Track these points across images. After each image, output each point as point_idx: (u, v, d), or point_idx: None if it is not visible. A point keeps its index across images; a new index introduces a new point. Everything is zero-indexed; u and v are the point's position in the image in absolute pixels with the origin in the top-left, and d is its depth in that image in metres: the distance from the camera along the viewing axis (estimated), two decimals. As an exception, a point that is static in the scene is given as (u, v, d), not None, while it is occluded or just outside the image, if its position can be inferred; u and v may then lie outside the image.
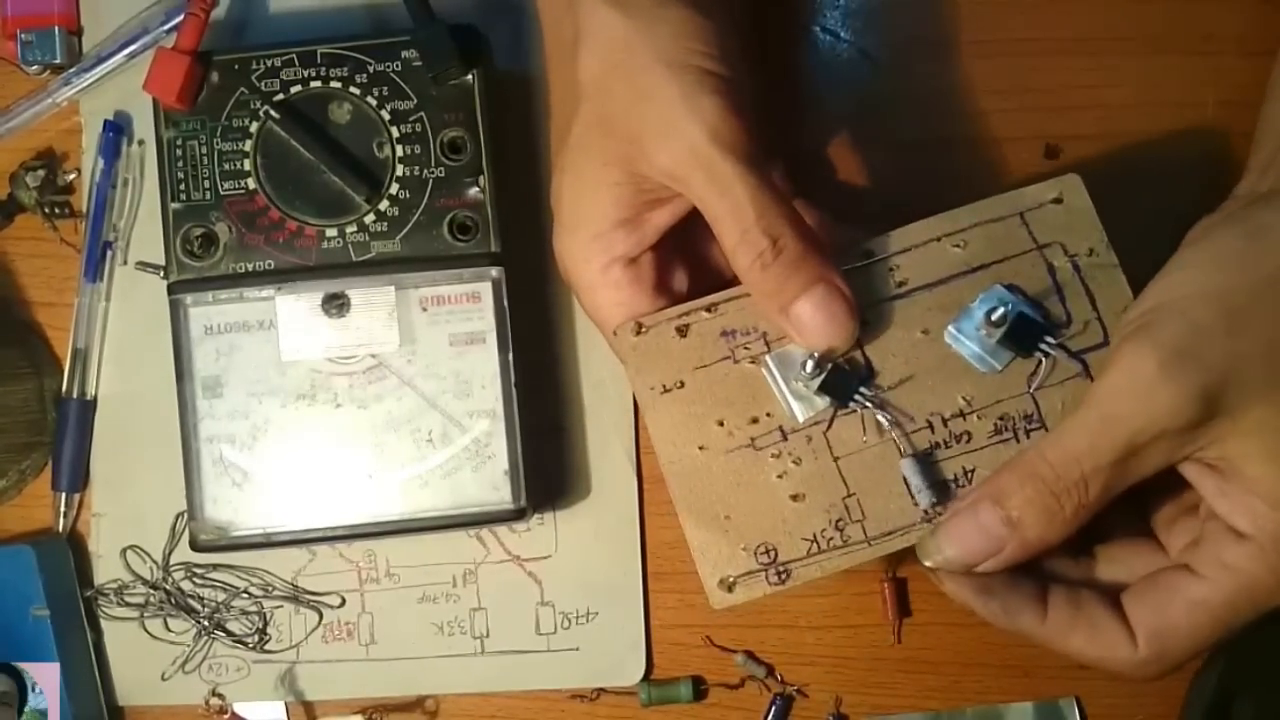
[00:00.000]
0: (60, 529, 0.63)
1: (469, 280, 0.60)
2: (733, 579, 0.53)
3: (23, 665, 0.61)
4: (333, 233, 0.60)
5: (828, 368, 0.52)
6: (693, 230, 0.55)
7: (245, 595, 0.63)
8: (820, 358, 0.52)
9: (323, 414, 0.59)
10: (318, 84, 0.60)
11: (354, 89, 0.60)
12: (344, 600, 0.63)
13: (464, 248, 0.60)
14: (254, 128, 0.60)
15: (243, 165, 0.60)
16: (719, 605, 0.53)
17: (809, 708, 0.63)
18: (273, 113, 0.59)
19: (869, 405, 0.53)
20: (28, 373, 0.64)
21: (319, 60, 0.60)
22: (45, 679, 0.61)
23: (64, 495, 0.63)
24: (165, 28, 0.64)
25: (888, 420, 0.53)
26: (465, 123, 0.60)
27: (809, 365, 0.52)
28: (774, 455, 0.53)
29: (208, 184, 0.60)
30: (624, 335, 0.54)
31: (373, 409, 0.59)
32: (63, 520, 0.63)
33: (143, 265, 0.63)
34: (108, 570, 0.63)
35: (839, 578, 0.54)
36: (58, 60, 0.64)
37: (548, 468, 0.63)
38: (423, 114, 0.60)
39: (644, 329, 0.54)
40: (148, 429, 0.63)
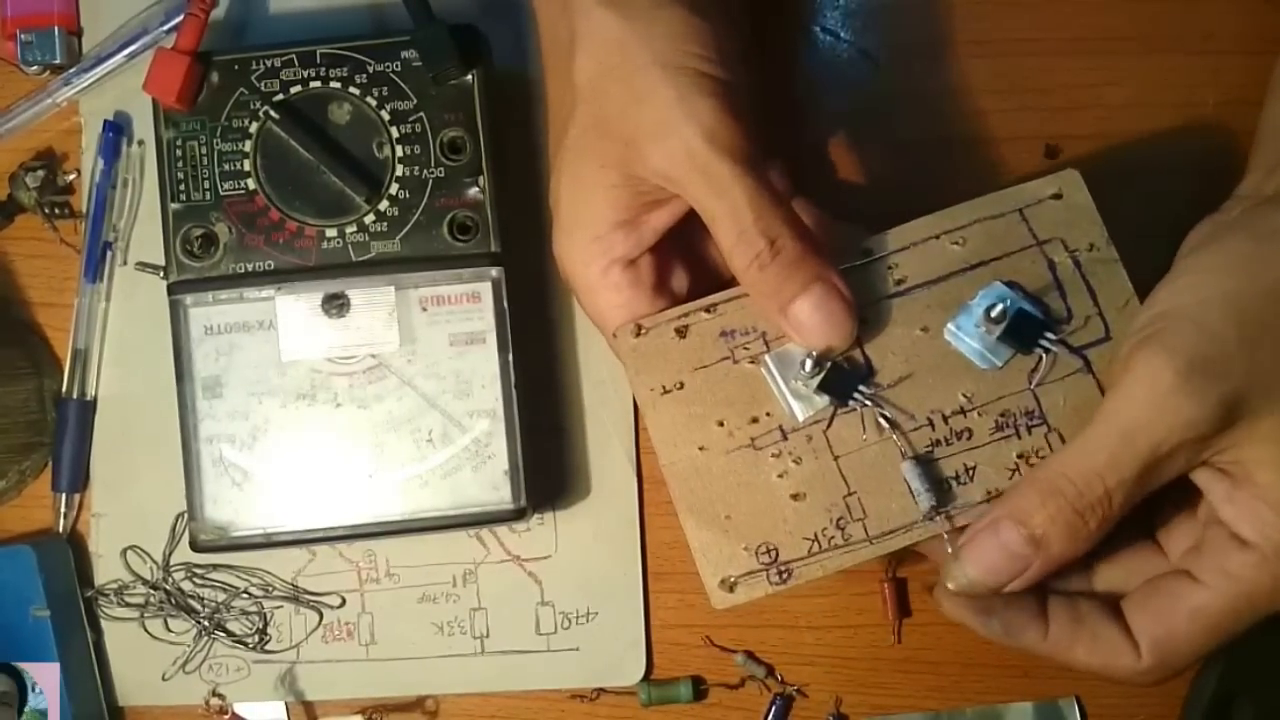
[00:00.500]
0: (60, 529, 0.63)
1: (469, 280, 0.60)
2: (734, 579, 0.53)
3: (23, 665, 0.61)
4: (333, 233, 0.60)
5: (827, 367, 0.52)
6: (691, 231, 0.55)
7: (245, 595, 0.63)
8: (819, 357, 0.52)
9: (323, 414, 0.59)
10: (317, 84, 0.60)
11: (354, 89, 0.60)
12: (344, 600, 0.63)
13: (464, 248, 0.60)
14: (254, 128, 0.60)
15: (242, 165, 0.60)
16: (720, 605, 0.53)
17: (809, 708, 0.63)
18: (272, 113, 0.59)
19: (869, 403, 0.53)
20: (28, 373, 0.64)
21: (319, 60, 0.60)
22: (45, 679, 0.61)
23: (64, 495, 0.63)
24: (165, 28, 0.64)
25: (887, 418, 0.53)
26: (465, 123, 0.60)
27: (808, 364, 0.52)
28: (774, 455, 0.53)
29: (207, 184, 0.60)
30: (624, 337, 0.54)
31: (373, 409, 0.59)
32: (63, 520, 0.63)
33: (143, 265, 0.63)
34: (108, 570, 0.63)
35: (839, 578, 0.54)
36: (58, 60, 0.64)
37: (548, 468, 0.63)
38: (422, 114, 0.60)
39: (643, 330, 0.54)
40: (148, 429, 0.63)
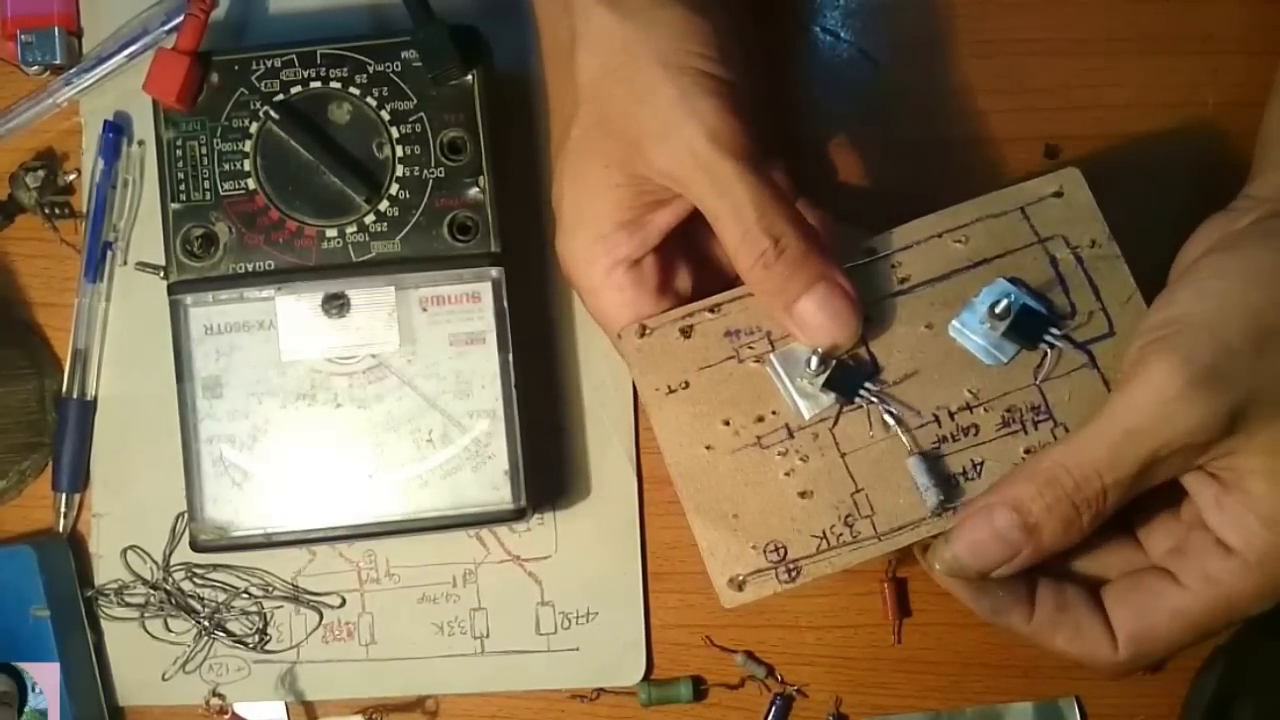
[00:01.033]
0: (60, 529, 0.63)
1: (469, 280, 0.60)
2: (742, 577, 0.53)
3: (23, 665, 0.61)
4: (333, 233, 0.59)
5: (832, 365, 0.52)
6: (695, 231, 0.55)
7: (245, 595, 0.63)
8: (824, 355, 0.52)
9: (323, 414, 0.59)
10: (317, 84, 0.60)
11: (354, 89, 0.60)
12: (344, 600, 0.63)
13: (464, 248, 0.60)
14: (254, 128, 0.60)
15: (243, 165, 0.60)
16: (729, 604, 0.52)
17: (809, 708, 0.63)
18: (272, 113, 0.59)
19: (875, 401, 0.53)
20: (28, 373, 0.64)
21: (319, 61, 0.60)
22: (45, 679, 0.61)
23: (64, 495, 0.63)
24: (165, 28, 0.64)
25: (894, 415, 0.53)
26: (465, 123, 0.60)
27: (813, 363, 0.52)
28: (781, 453, 0.53)
29: (207, 184, 0.60)
30: (628, 337, 0.54)
31: (373, 409, 0.59)
32: (63, 520, 0.63)
33: (143, 265, 0.63)
34: (108, 570, 0.63)
35: (839, 577, 0.54)
36: (58, 61, 0.64)
37: (548, 468, 0.63)
38: (423, 114, 0.60)
39: (648, 331, 0.54)
40: (148, 429, 0.63)
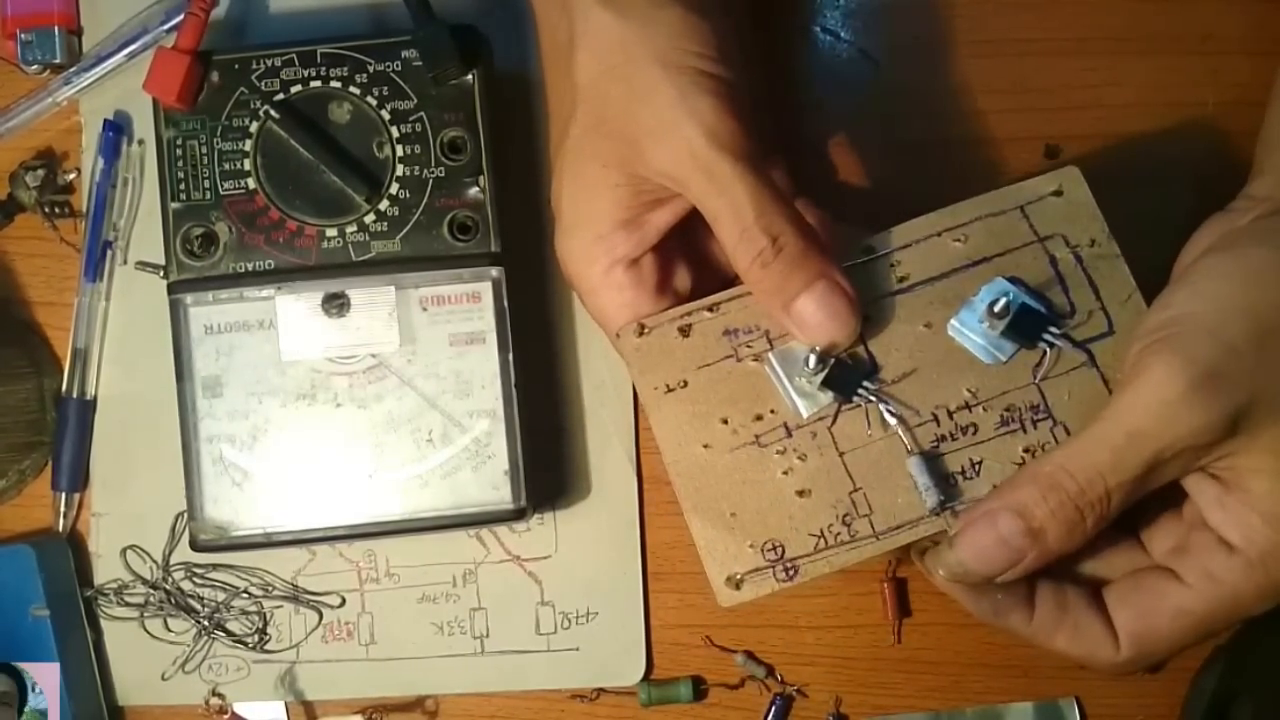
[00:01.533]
0: (60, 529, 0.63)
1: (469, 280, 0.60)
2: (740, 576, 0.53)
3: (23, 665, 0.61)
4: (333, 233, 0.59)
5: (831, 363, 0.52)
6: (694, 230, 0.55)
7: (245, 595, 0.63)
8: (823, 354, 0.52)
9: (323, 414, 0.59)
10: (318, 84, 0.60)
11: (354, 89, 0.60)
12: (344, 600, 0.63)
13: (464, 248, 0.60)
14: (254, 127, 0.60)
15: (243, 165, 0.60)
16: (727, 603, 0.52)
17: (809, 708, 0.63)
18: (273, 113, 0.59)
19: (873, 399, 0.53)
20: (28, 372, 0.64)
21: (319, 60, 0.60)
22: (45, 679, 0.61)
23: (64, 495, 0.63)
24: (165, 27, 0.64)
25: (892, 414, 0.53)
26: (465, 123, 0.60)
27: (812, 361, 0.52)
28: (779, 452, 0.53)
29: (208, 184, 0.60)
30: (627, 337, 0.54)
31: (373, 409, 0.59)
32: (63, 520, 0.63)
33: (143, 265, 0.63)
34: (108, 570, 0.63)
35: (839, 577, 0.54)
36: (58, 60, 0.64)
37: (548, 468, 0.63)
38: (423, 114, 0.60)
39: (646, 330, 0.54)
40: (148, 429, 0.63)
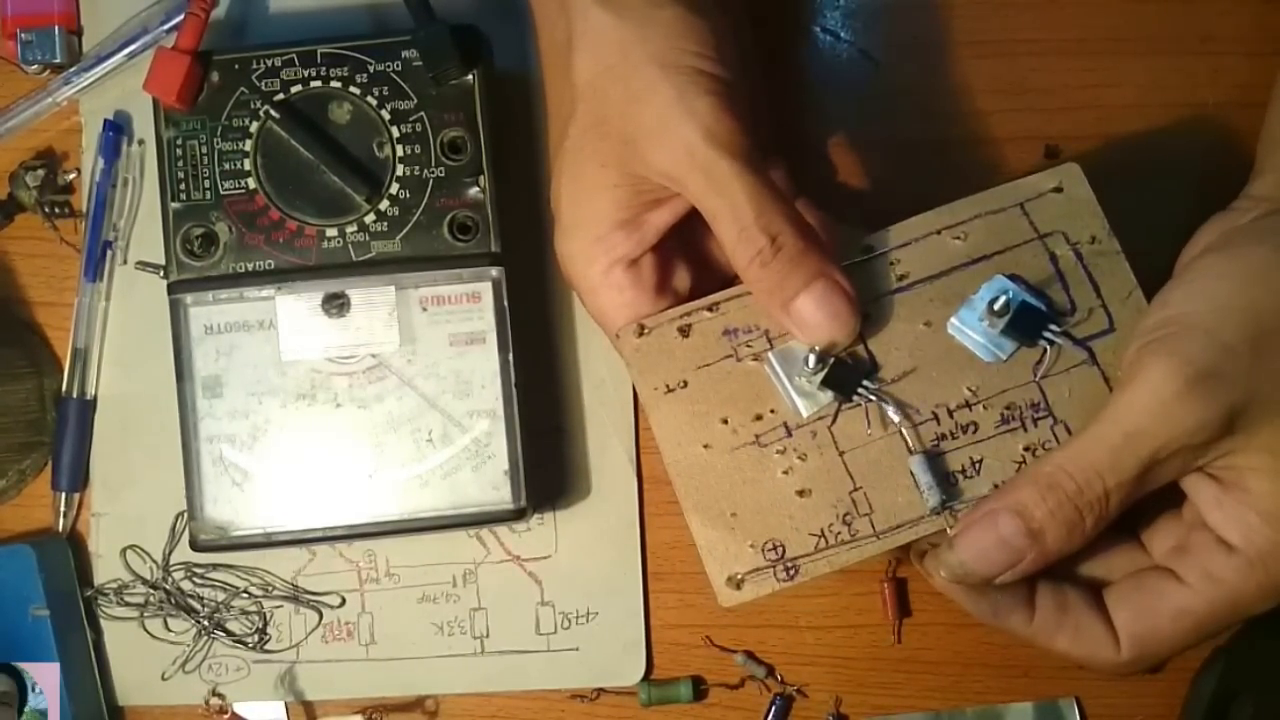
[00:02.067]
0: (60, 529, 0.63)
1: (469, 280, 0.60)
2: (741, 576, 0.53)
3: (23, 665, 0.61)
4: (333, 233, 0.59)
5: (830, 363, 0.52)
6: (693, 230, 0.55)
7: (245, 595, 0.63)
8: (822, 353, 0.52)
9: (323, 414, 0.59)
10: (318, 84, 0.60)
11: (354, 89, 0.60)
12: (344, 600, 0.63)
13: (464, 248, 0.60)
14: (254, 127, 0.60)
15: (243, 165, 0.60)
16: (727, 603, 0.52)
17: (809, 708, 0.63)
18: (273, 112, 0.59)
19: (873, 399, 0.53)
20: (28, 372, 0.64)
21: (319, 60, 0.60)
22: (45, 679, 0.61)
23: (64, 495, 0.63)
24: (165, 27, 0.64)
25: (893, 412, 0.53)
26: (465, 123, 0.60)
27: (811, 361, 0.52)
28: (779, 451, 0.53)
29: (208, 184, 0.60)
30: (626, 337, 0.54)
31: (373, 409, 0.59)
32: (63, 520, 0.63)
33: (143, 265, 0.63)
34: (108, 570, 0.63)
35: (839, 577, 0.54)
36: (58, 60, 0.64)
37: (548, 468, 0.63)
38: (423, 114, 0.60)
39: (646, 330, 0.54)
40: (148, 429, 0.63)
